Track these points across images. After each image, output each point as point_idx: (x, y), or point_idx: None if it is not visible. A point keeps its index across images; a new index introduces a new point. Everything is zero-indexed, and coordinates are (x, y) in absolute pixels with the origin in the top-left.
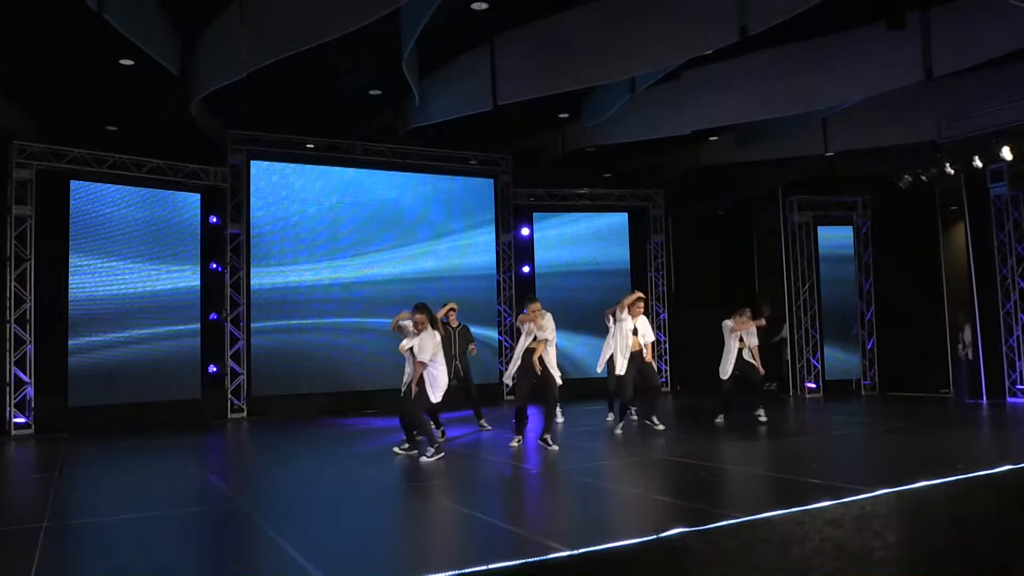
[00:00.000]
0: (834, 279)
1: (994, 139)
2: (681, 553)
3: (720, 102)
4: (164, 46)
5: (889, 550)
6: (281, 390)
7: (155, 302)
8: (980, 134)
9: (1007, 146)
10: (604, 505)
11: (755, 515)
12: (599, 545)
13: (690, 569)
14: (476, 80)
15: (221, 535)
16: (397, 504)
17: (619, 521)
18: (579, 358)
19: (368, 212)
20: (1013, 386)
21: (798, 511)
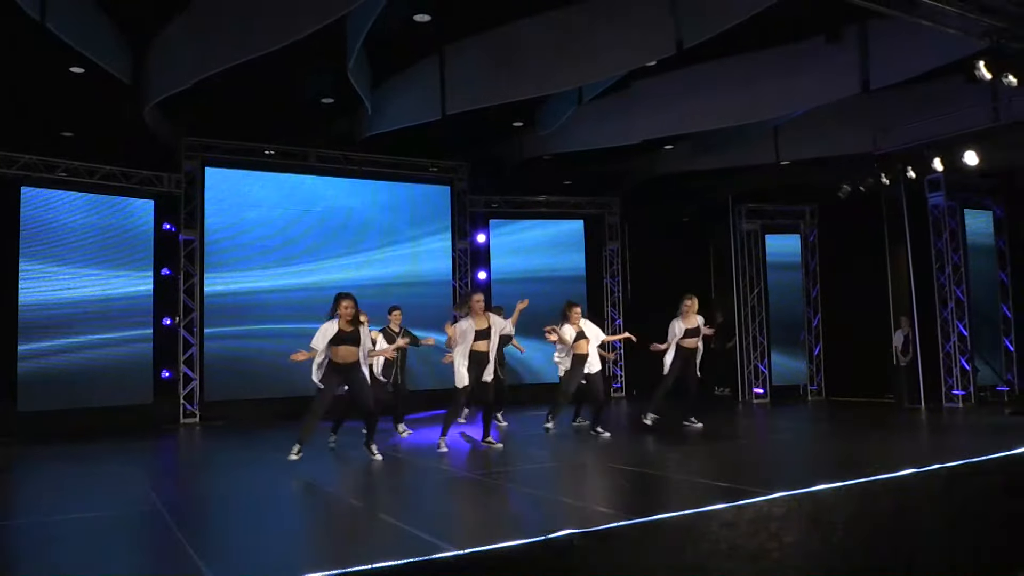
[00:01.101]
0: (782, 286)
1: (926, 151)
2: (568, 554)
3: (668, 112)
4: (113, 54)
5: (786, 551)
6: (234, 395)
7: (107, 308)
8: (913, 146)
9: (938, 157)
10: (507, 506)
11: (648, 517)
12: (487, 545)
13: (578, 571)
14: (426, 89)
15: (127, 537)
16: (311, 505)
17: (516, 522)
18: (534, 364)
19: (323, 219)
20: (950, 391)
21: (692, 513)
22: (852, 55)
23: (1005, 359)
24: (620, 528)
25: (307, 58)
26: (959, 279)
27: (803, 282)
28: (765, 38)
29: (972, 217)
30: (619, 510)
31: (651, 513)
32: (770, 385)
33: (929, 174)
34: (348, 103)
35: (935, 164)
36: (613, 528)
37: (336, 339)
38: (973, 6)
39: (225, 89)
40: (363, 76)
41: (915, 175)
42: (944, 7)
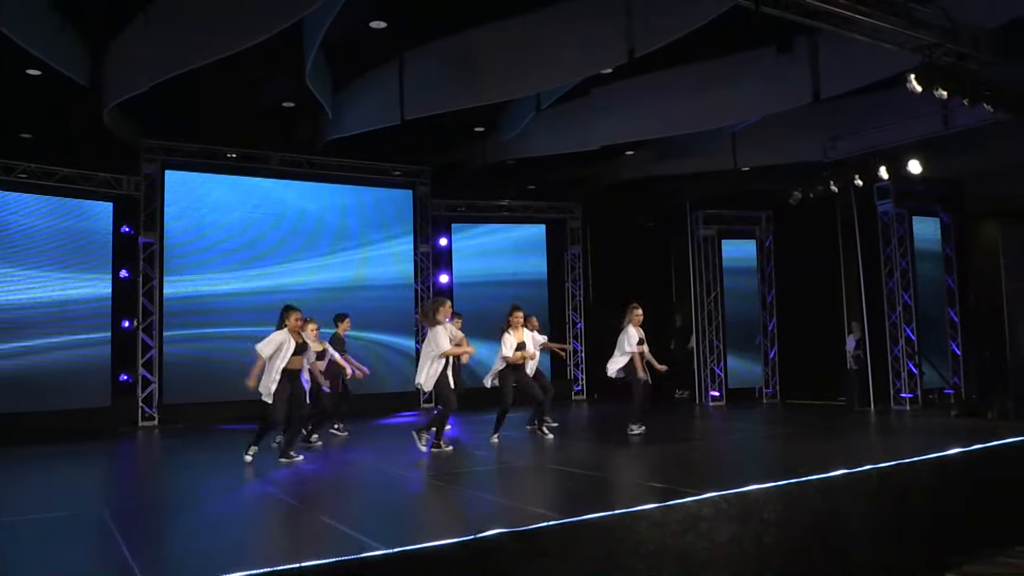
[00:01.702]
0: (738, 291)
1: (872, 159)
2: (496, 553)
3: (626, 119)
4: (71, 57)
5: (715, 550)
6: (193, 398)
7: (65, 310)
8: (860, 154)
9: (884, 166)
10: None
11: (578, 517)
12: (416, 544)
13: (506, 569)
14: (386, 95)
15: (66, 538)
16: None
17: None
18: None
19: (285, 222)
20: (898, 394)
21: (620, 513)
22: (804, 65)
23: (952, 362)
24: (548, 528)
25: (267, 63)
26: (907, 284)
27: (759, 287)
28: (720, 47)
29: (921, 224)
30: (551, 510)
31: (582, 513)
32: (726, 388)
33: (877, 182)
34: (309, 107)
35: (881, 172)
36: (541, 528)
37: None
38: (906, 22)
39: (186, 92)
40: (324, 81)
41: (862, 183)
42: (878, 23)
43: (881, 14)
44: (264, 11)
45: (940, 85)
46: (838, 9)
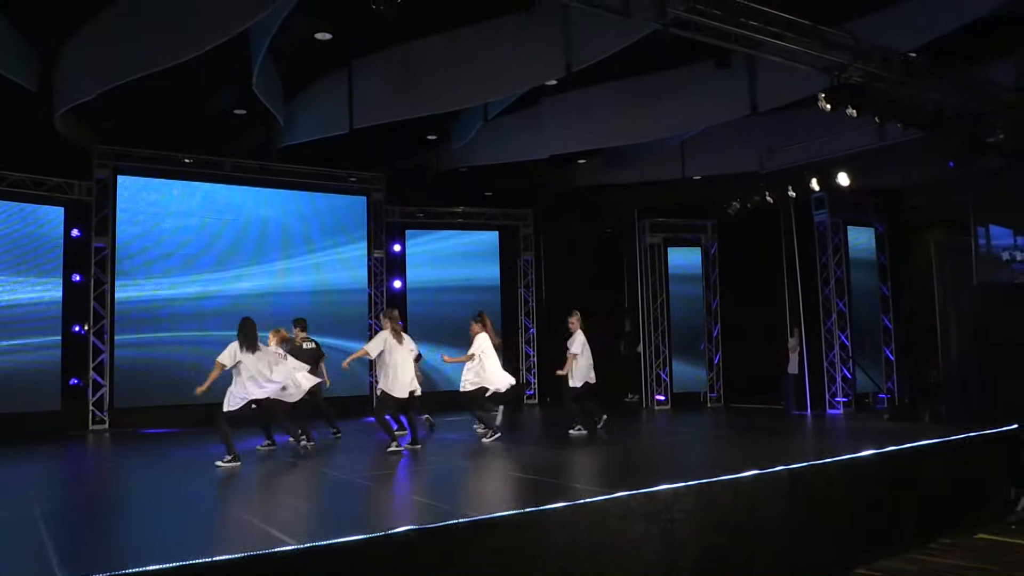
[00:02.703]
0: (683, 297)
1: (805, 171)
2: (406, 549)
3: (574, 128)
4: (18, 62)
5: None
6: (145, 402)
7: (13, 314)
8: (795, 166)
9: (815, 178)
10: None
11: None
12: (327, 540)
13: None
14: (335, 104)
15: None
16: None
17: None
18: (449, 371)
19: (239, 228)
20: (833, 398)
21: (531, 511)
22: (742, 79)
23: (886, 367)
24: (456, 525)
25: (216, 71)
26: (842, 292)
27: (704, 293)
28: (663, 61)
29: (856, 233)
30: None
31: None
32: (671, 392)
33: (809, 194)
34: (261, 115)
35: (813, 184)
36: (449, 525)
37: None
38: (819, 43)
39: (139, 98)
40: (274, 89)
41: (795, 194)
42: (788, 45)
43: (793, 35)
44: (210, 22)
45: (850, 104)
46: (749, 32)
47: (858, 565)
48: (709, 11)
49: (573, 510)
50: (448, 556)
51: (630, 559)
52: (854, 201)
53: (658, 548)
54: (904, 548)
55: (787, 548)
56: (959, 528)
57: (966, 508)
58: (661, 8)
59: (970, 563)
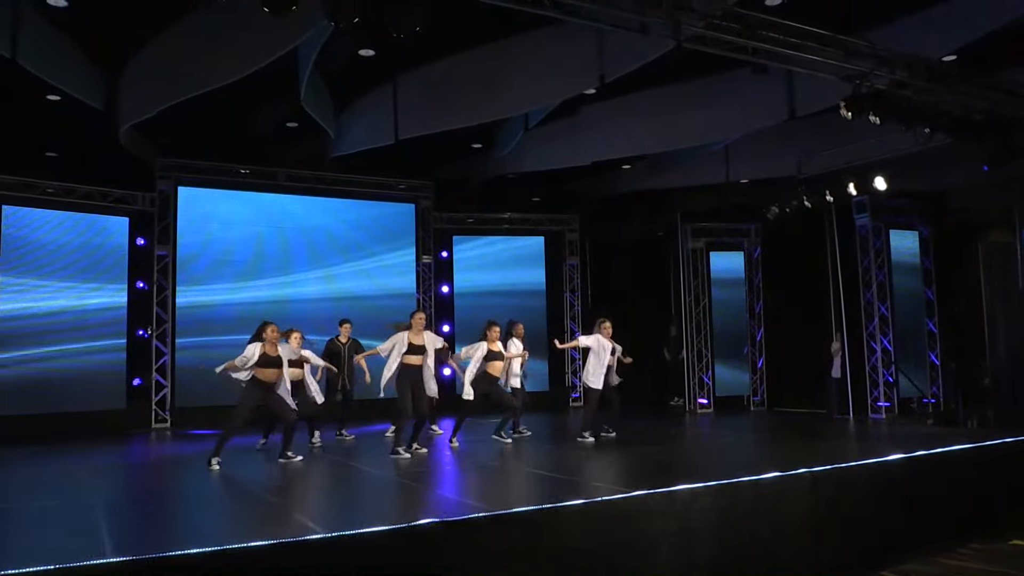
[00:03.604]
0: (725, 302)
1: (843, 175)
2: (429, 539)
3: (613, 136)
4: (85, 83)
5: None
6: (203, 402)
7: (83, 319)
8: (832, 171)
9: (852, 182)
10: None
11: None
12: (354, 530)
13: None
14: (382, 116)
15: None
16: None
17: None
18: None
19: (292, 236)
20: (874, 403)
21: (552, 507)
22: (780, 84)
23: (930, 372)
24: (477, 519)
25: (268, 87)
26: (884, 296)
27: (747, 297)
28: (699, 68)
29: (899, 237)
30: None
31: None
32: (714, 396)
33: (850, 198)
34: (312, 127)
35: (850, 189)
36: (471, 519)
37: (261, 362)
38: (840, 53)
39: (197, 113)
40: (324, 103)
41: (833, 199)
42: (810, 56)
43: (814, 45)
44: (259, 42)
45: (872, 111)
46: (767, 45)
47: (883, 567)
48: (727, 25)
49: (591, 507)
50: (466, 546)
51: (648, 557)
52: (897, 204)
53: (676, 547)
54: (934, 552)
55: (809, 549)
56: (994, 533)
57: (1003, 514)
58: (676, 26)
59: (998, 568)
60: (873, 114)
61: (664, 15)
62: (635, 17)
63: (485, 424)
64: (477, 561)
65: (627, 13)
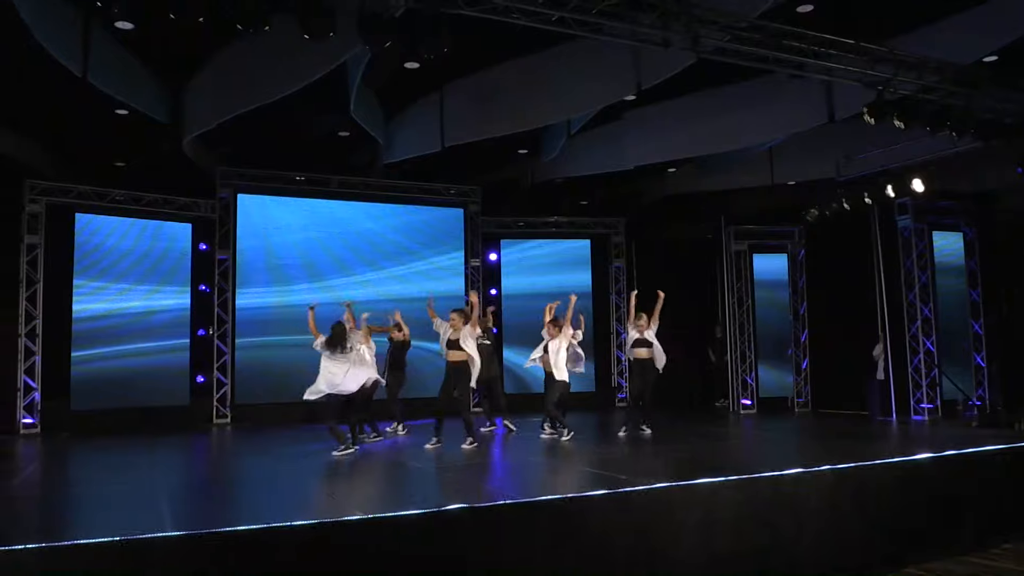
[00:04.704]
0: (768, 303)
1: (880, 178)
2: (455, 523)
3: (656, 140)
4: (151, 98)
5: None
6: (262, 399)
7: (150, 319)
8: (872, 172)
9: (889, 184)
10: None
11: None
12: (387, 512)
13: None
14: (429, 124)
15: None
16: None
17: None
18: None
19: (344, 240)
20: (917, 404)
21: (576, 496)
22: (819, 87)
23: (976, 374)
24: (503, 506)
25: (320, 99)
26: (926, 297)
27: (790, 299)
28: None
29: (943, 238)
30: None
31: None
32: (757, 397)
33: (890, 199)
34: (363, 136)
35: (888, 191)
36: (497, 505)
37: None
38: (864, 60)
39: (256, 124)
40: (374, 113)
41: (871, 201)
42: (833, 64)
43: (837, 53)
44: (311, 59)
45: (896, 116)
46: (788, 55)
47: (907, 564)
48: (747, 36)
49: (613, 497)
50: (493, 531)
51: (670, 547)
52: (941, 206)
53: (698, 538)
54: (963, 551)
55: (832, 544)
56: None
57: None
58: (696, 39)
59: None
60: (897, 119)
61: (683, 28)
62: (657, 32)
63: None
64: (503, 547)
65: (648, 29)
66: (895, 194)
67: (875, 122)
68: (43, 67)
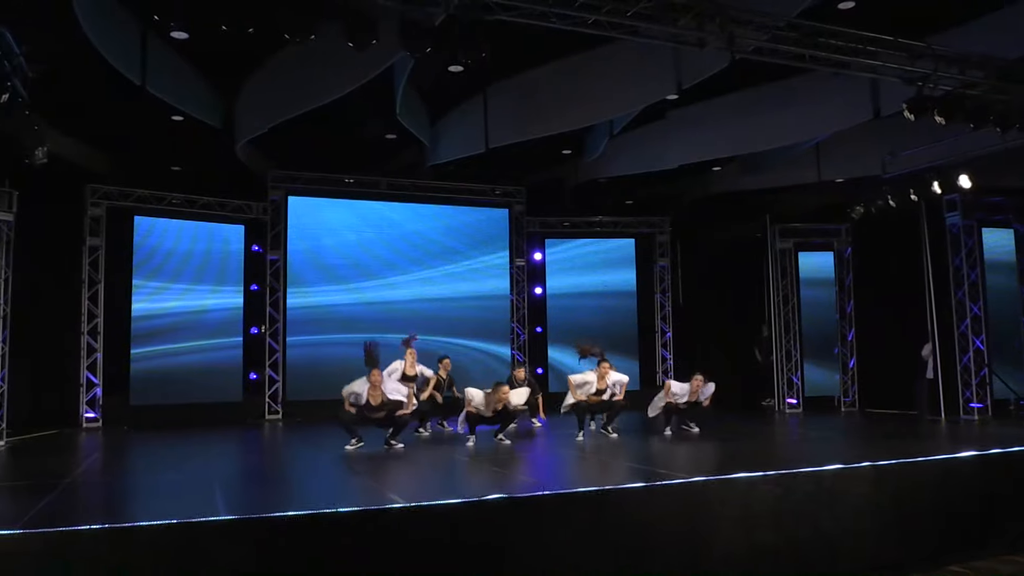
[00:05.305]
0: (814, 302)
1: (927, 174)
2: (495, 512)
3: (699, 139)
4: (205, 104)
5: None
6: (312, 396)
7: (204, 318)
8: (916, 170)
9: (936, 181)
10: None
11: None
12: (430, 501)
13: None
14: (473, 126)
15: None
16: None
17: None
18: None
19: (392, 240)
20: (967, 404)
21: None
22: (864, 84)
23: None
24: (541, 496)
25: (368, 103)
26: (975, 295)
27: (837, 297)
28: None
29: (992, 234)
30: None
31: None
32: (803, 396)
33: (937, 196)
34: (409, 138)
35: (935, 187)
36: (535, 496)
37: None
38: (904, 56)
39: (306, 128)
40: (420, 115)
41: (918, 198)
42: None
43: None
44: (357, 64)
45: (937, 112)
46: (825, 53)
47: (950, 563)
48: (784, 35)
49: (652, 490)
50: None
51: (708, 541)
52: (991, 202)
53: (736, 531)
54: (1008, 550)
55: (871, 540)
56: None
57: None
58: (731, 39)
59: None
60: (938, 115)
61: (718, 29)
62: (692, 33)
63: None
64: (542, 537)
65: (683, 30)
66: (942, 190)
67: (915, 118)
68: (104, 78)
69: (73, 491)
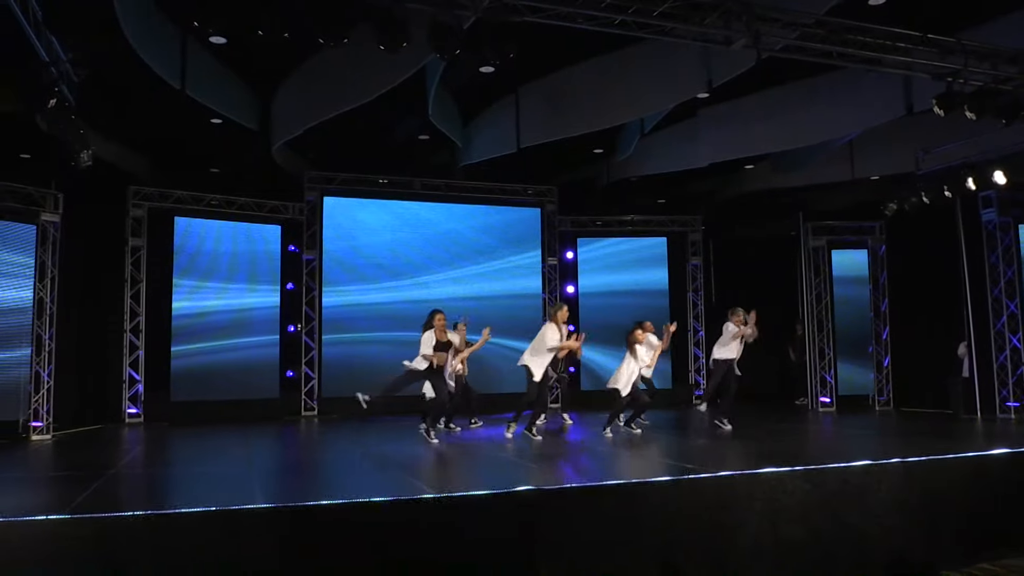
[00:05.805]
0: (847, 300)
1: (961, 171)
2: (526, 503)
3: (730, 137)
4: (243, 108)
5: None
6: (347, 392)
7: (242, 317)
8: (950, 166)
9: (970, 177)
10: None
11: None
12: (460, 492)
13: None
14: (505, 126)
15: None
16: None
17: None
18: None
19: (426, 240)
20: (1003, 403)
21: (635, 482)
22: (896, 80)
23: None
24: (569, 488)
25: (401, 105)
26: (1012, 293)
27: (871, 295)
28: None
29: None
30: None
31: None
32: (836, 394)
33: (970, 192)
34: (442, 139)
35: (969, 184)
36: (564, 488)
37: (436, 347)
38: (934, 52)
39: (341, 129)
40: (453, 116)
41: (952, 194)
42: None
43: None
44: (388, 67)
45: (968, 107)
46: (854, 50)
47: (980, 560)
48: (811, 32)
49: (679, 484)
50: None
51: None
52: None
53: (762, 526)
54: None
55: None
56: None
57: None
58: (757, 36)
59: None
60: (968, 110)
61: (745, 28)
62: (719, 31)
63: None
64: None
65: (710, 29)
66: (977, 187)
67: (944, 114)
68: (145, 83)
69: (117, 481)
